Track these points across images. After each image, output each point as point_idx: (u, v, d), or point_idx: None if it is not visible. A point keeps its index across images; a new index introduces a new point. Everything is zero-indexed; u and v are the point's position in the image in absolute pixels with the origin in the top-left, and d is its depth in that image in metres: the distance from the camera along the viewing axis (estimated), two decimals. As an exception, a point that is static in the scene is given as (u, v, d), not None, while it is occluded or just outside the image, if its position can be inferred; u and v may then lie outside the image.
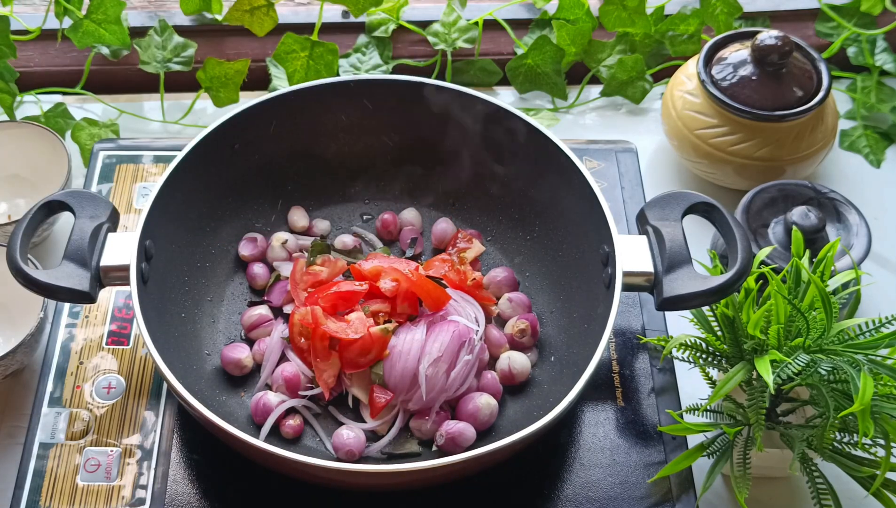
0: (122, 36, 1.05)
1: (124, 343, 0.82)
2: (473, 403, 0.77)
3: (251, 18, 1.07)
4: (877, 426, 0.68)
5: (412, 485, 0.73)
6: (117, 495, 0.74)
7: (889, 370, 0.67)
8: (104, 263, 0.74)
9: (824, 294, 0.69)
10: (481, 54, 1.12)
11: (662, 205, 0.78)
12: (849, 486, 0.72)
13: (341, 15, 1.14)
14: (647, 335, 0.84)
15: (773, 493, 0.81)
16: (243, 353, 0.80)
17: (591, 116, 1.11)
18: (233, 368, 0.80)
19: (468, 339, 0.78)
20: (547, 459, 0.77)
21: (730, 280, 0.71)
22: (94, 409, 0.78)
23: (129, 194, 0.92)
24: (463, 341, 0.77)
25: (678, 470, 0.74)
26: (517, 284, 0.87)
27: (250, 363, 0.81)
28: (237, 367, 0.80)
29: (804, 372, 0.68)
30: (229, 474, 0.76)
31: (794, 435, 0.71)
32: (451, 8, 1.11)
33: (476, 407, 0.76)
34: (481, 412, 0.76)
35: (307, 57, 1.06)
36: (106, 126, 1.03)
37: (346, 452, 0.75)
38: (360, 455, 0.75)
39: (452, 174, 0.92)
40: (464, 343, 0.77)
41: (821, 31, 1.15)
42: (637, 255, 0.76)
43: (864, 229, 0.88)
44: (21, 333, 0.84)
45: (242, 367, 0.80)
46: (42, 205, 0.77)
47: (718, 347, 0.74)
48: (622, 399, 0.81)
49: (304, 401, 0.78)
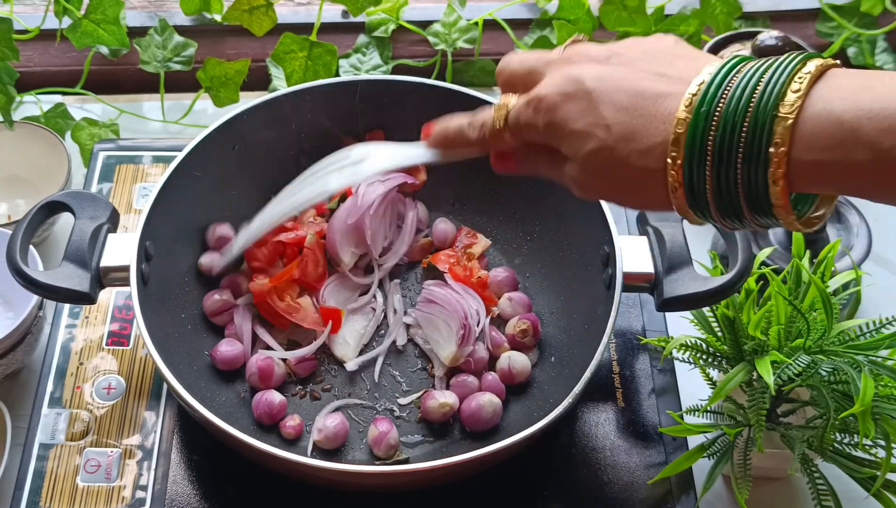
0: (120, 36, 1.04)
1: (124, 344, 0.82)
2: (476, 401, 0.77)
3: (250, 18, 1.07)
4: (877, 427, 0.68)
5: (412, 485, 0.73)
6: (117, 496, 0.74)
7: (889, 371, 0.67)
8: (104, 263, 0.74)
9: (825, 295, 0.69)
10: (481, 54, 1.12)
11: (663, 205, 0.78)
12: (849, 487, 0.72)
13: (341, 15, 1.14)
14: (648, 335, 0.84)
15: (774, 494, 0.81)
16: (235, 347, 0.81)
17: (591, 116, 1.10)
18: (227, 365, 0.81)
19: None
20: (547, 459, 0.77)
21: (730, 281, 0.71)
22: (94, 410, 0.78)
23: (129, 194, 0.92)
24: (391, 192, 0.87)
25: (678, 471, 0.74)
26: (517, 284, 0.87)
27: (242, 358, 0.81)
28: (232, 363, 0.81)
29: (805, 373, 0.68)
30: (229, 474, 0.76)
31: (794, 436, 0.71)
32: (451, 8, 1.11)
33: (479, 405, 0.76)
34: (484, 411, 0.76)
35: (305, 57, 1.06)
36: (106, 126, 1.03)
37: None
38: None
39: (452, 175, 0.92)
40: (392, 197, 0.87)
41: (821, 31, 1.15)
42: (637, 255, 0.76)
43: (865, 230, 0.88)
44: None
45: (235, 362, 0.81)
46: (42, 205, 0.77)
47: (719, 348, 0.74)
48: (622, 400, 0.81)
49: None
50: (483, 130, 0.59)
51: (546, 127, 0.54)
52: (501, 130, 0.57)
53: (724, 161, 0.47)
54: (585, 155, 0.52)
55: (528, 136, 0.56)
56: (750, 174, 0.46)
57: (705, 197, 0.48)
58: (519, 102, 0.56)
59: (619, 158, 0.50)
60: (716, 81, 0.48)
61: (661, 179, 0.49)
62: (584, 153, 0.52)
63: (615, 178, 0.52)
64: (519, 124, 0.56)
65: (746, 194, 0.47)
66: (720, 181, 0.47)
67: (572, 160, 0.53)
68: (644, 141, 0.49)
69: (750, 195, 0.47)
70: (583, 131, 0.51)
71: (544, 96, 0.53)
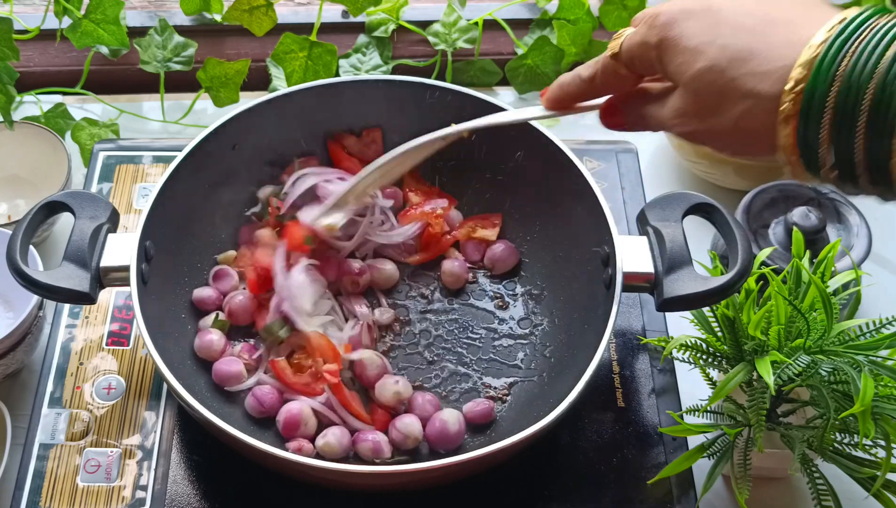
0: (120, 36, 1.04)
1: (124, 344, 0.82)
2: (440, 419, 0.76)
3: (250, 18, 1.07)
4: (877, 427, 0.68)
5: (412, 486, 0.73)
6: (117, 496, 0.74)
7: (889, 371, 0.67)
8: (104, 263, 0.74)
9: (825, 295, 0.69)
10: (481, 54, 1.12)
11: (663, 205, 0.78)
12: (849, 487, 0.72)
13: (341, 15, 1.14)
14: (648, 335, 0.84)
15: (774, 494, 0.81)
16: (237, 366, 0.79)
17: (592, 116, 1.10)
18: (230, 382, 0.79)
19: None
20: (547, 459, 0.77)
21: (730, 281, 0.71)
22: (94, 410, 0.78)
23: (129, 194, 0.92)
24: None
25: (678, 471, 0.74)
26: (518, 256, 0.89)
27: (245, 374, 0.80)
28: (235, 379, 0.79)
29: (805, 373, 0.68)
30: (229, 474, 0.76)
31: (794, 436, 0.71)
32: (452, 8, 1.11)
33: (443, 422, 0.76)
34: (450, 426, 0.76)
35: (306, 57, 1.06)
36: (106, 126, 1.03)
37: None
38: None
39: (452, 175, 0.92)
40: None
41: (821, 31, 1.14)
42: (637, 256, 0.76)
43: (865, 230, 0.88)
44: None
45: (239, 378, 0.79)
46: (42, 205, 0.77)
47: (719, 348, 0.74)
48: (622, 400, 0.81)
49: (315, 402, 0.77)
50: (596, 65, 0.58)
51: (658, 44, 0.51)
52: (615, 56, 0.56)
53: (849, 113, 0.43)
54: (692, 76, 0.49)
55: (639, 57, 0.54)
56: (872, 136, 0.43)
57: (817, 136, 0.44)
58: (637, 27, 0.54)
59: (728, 81, 0.47)
60: (858, 20, 0.45)
61: (770, 109, 0.46)
62: (690, 73, 0.49)
63: (717, 105, 0.48)
64: (632, 45, 0.54)
65: (867, 150, 0.44)
66: (840, 126, 0.44)
67: (677, 87, 0.51)
68: (762, 63, 0.46)
69: (870, 153, 0.44)
70: (694, 48, 0.49)
71: (662, 12, 0.52)
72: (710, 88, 0.49)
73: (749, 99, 0.47)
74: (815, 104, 0.44)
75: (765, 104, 0.46)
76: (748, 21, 0.48)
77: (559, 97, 0.63)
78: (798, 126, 0.45)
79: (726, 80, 0.47)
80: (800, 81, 0.44)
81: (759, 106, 0.46)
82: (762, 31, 0.47)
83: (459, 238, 0.89)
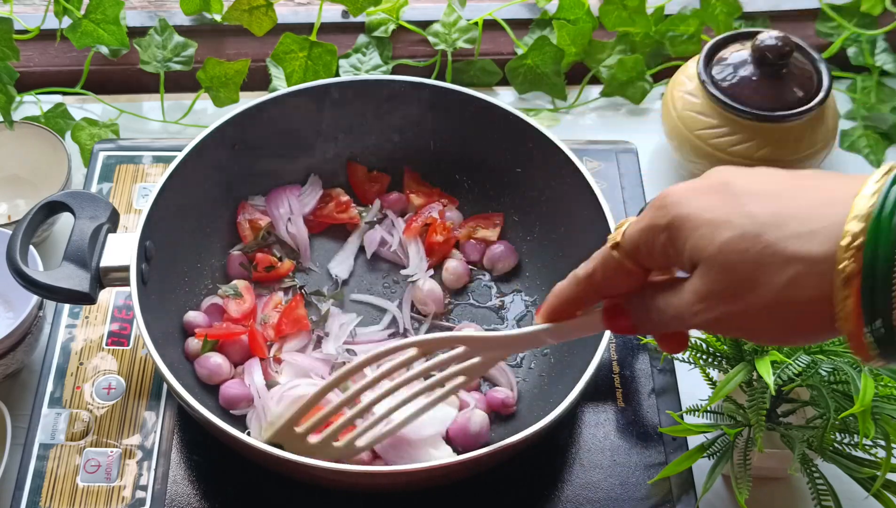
0: (120, 36, 1.04)
1: (124, 344, 0.82)
2: (464, 417, 0.76)
3: (250, 18, 1.07)
4: (877, 427, 0.68)
5: (412, 485, 0.73)
6: (117, 496, 0.74)
7: (889, 371, 0.67)
8: (104, 263, 0.74)
9: (825, 295, 0.69)
10: (481, 54, 1.12)
11: (663, 206, 0.78)
12: (849, 487, 0.72)
13: (341, 15, 1.14)
14: (648, 335, 0.84)
15: (774, 494, 0.81)
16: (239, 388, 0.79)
17: (591, 116, 1.11)
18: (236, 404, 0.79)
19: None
20: (547, 460, 0.77)
21: (730, 281, 0.71)
22: (94, 410, 0.78)
23: (129, 194, 0.92)
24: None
25: (679, 471, 0.74)
26: (517, 257, 0.89)
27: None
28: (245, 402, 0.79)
29: (805, 373, 0.68)
30: (229, 474, 0.76)
31: (794, 436, 0.71)
32: (451, 8, 1.11)
33: (465, 419, 0.76)
34: (472, 424, 0.76)
35: (305, 57, 1.06)
36: (106, 126, 1.03)
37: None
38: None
39: (452, 176, 0.92)
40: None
41: (821, 31, 1.15)
42: (637, 256, 0.75)
43: (865, 230, 0.88)
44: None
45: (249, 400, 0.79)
46: (42, 205, 0.77)
47: (719, 347, 0.74)
48: (622, 400, 0.81)
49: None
50: (595, 261, 0.51)
51: (669, 224, 0.45)
52: (617, 247, 0.49)
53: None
54: (717, 248, 0.42)
55: (645, 244, 0.47)
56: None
57: (888, 295, 0.37)
58: (641, 214, 0.48)
59: (765, 247, 0.40)
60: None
61: (824, 271, 0.39)
62: (715, 246, 0.42)
63: (753, 279, 0.41)
64: (637, 231, 0.47)
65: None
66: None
67: (697, 268, 0.43)
68: (804, 223, 0.40)
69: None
70: (715, 220, 0.42)
71: (670, 193, 0.46)
72: (742, 258, 0.41)
73: (795, 264, 0.40)
74: (881, 257, 0.37)
75: (817, 267, 0.39)
76: (771, 188, 0.42)
77: (555, 307, 0.55)
78: (862, 286, 0.38)
79: (762, 246, 0.40)
80: (857, 235, 0.38)
81: (810, 270, 0.39)
82: (791, 194, 0.41)
83: (460, 238, 0.89)
